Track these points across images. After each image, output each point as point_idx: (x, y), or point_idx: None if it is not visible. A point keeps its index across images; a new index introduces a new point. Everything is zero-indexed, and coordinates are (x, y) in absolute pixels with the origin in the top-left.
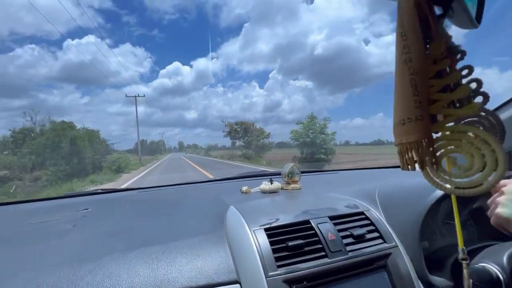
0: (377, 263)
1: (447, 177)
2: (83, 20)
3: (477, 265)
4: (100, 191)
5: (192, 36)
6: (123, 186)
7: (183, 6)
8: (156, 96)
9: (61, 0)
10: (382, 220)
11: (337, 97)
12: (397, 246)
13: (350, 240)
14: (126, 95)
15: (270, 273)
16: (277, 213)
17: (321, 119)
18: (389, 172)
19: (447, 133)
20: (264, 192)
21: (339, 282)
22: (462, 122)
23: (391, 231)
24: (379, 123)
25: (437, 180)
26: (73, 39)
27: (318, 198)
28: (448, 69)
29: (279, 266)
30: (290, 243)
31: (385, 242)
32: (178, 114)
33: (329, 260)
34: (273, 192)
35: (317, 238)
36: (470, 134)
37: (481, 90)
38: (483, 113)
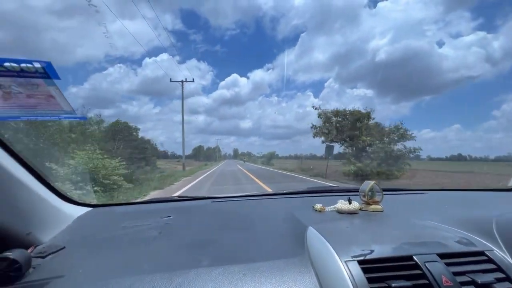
0: None
1: None
2: (160, 40)
3: None
4: (177, 198)
5: (250, 49)
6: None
7: (243, 21)
8: (216, 106)
9: (143, 25)
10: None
11: (402, 106)
12: None
13: None
14: (170, 79)
15: None
16: (369, 241)
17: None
18: (496, 196)
19: None
20: (340, 212)
21: None
22: None
23: None
24: (454, 136)
25: None
26: (150, 57)
27: (413, 226)
28: None
29: None
30: (393, 284)
31: None
32: (234, 123)
33: None
34: (351, 213)
35: (426, 281)
36: None
37: None
38: None
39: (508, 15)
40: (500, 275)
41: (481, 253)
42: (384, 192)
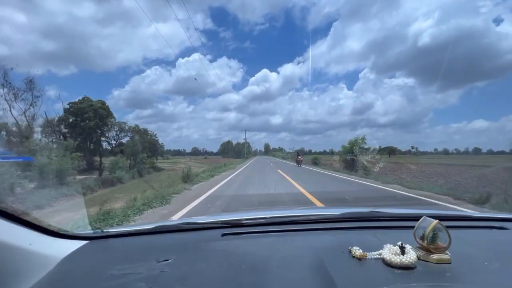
0: None
1: None
2: (191, 41)
3: None
4: (183, 225)
5: (280, 42)
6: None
7: (272, 14)
8: (246, 102)
9: (175, 27)
10: None
11: (449, 95)
12: None
13: None
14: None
15: None
16: None
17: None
18: None
19: None
20: (389, 265)
21: None
22: None
23: None
24: None
25: None
26: (183, 58)
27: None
28: None
29: None
30: None
31: None
32: (264, 119)
33: None
34: (406, 268)
35: None
36: None
37: None
38: None
39: None
40: None
41: None
42: (447, 224)
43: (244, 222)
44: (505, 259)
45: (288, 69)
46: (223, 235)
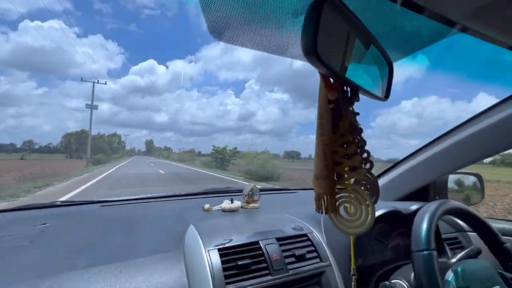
0: (313, 280)
1: (342, 221)
2: (47, 1)
3: (387, 282)
4: (59, 203)
5: (171, 35)
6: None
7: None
8: (125, 93)
9: None
10: (322, 241)
11: (311, 112)
12: (330, 265)
13: (292, 259)
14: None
15: None
16: (232, 233)
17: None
18: None
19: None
20: (224, 210)
21: None
22: (354, 182)
23: (328, 251)
24: None
25: (336, 223)
26: (32, 21)
27: (272, 219)
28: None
29: (227, 283)
30: (239, 262)
31: (321, 261)
32: (147, 116)
33: (271, 278)
34: (233, 211)
35: (264, 258)
36: (358, 191)
37: (370, 159)
38: (369, 177)
39: None
40: (311, 248)
41: (305, 235)
42: (262, 192)
43: (121, 201)
44: (286, 206)
45: (178, 65)
46: (102, 206)
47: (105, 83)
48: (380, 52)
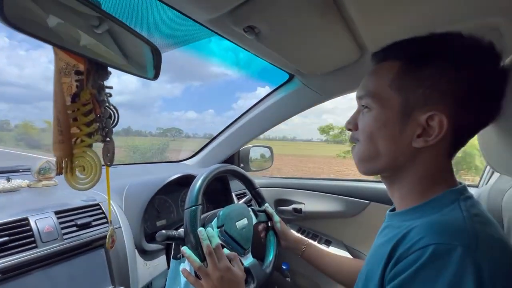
0: (96, 244)
1: (77, 180)
2: None
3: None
4: None
5: None
6: None
7: None
8: None
9: None
10: (121, 208)
11: (176, 87)
12: (120, 227)
13: (72, 229)
14: None
15: None
16: None
17: None
18: (159, 167)
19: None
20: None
21: (50, 267)
22: (90, 146)
23: (119, 216)
24: (210, 119)
25: (72, 181)
26: None
27: (64, 195)
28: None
29: None
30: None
31: (110, 225)
32: None
33: (38, 250)
34: (12, 191)
35: (31, 233)
36: (91, 154)
37: (110, 127)
38: (105, 141)
39: None
40: (101, 215)
41: (97, 205)
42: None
43: None
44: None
45: None
46: None
47: None
48: (141, 39)
